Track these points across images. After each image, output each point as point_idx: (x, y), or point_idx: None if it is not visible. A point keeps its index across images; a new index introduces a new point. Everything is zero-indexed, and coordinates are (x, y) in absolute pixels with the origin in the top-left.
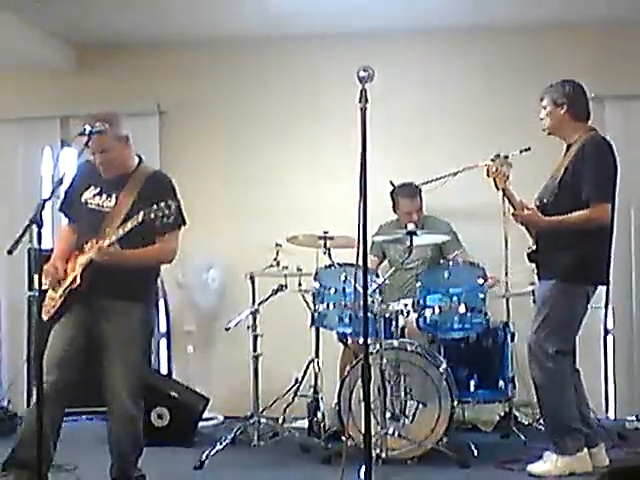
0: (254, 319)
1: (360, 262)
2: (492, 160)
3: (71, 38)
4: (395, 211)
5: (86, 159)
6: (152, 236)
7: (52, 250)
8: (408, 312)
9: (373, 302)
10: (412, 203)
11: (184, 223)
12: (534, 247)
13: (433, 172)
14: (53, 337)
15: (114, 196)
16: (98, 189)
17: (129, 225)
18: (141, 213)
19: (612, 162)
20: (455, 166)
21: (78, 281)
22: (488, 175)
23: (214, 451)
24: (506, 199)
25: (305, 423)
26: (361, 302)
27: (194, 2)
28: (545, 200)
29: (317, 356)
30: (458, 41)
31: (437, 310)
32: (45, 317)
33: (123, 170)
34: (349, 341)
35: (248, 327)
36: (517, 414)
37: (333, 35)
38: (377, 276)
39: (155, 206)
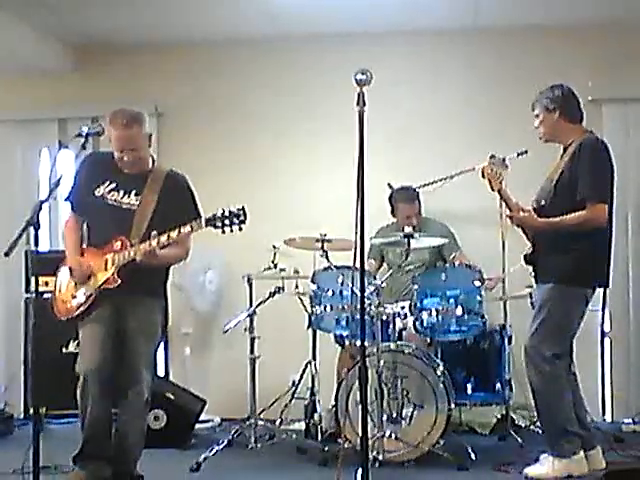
0: (251, 321)
1: (357, 264)
2: (489, 159)
3: (69, 40)
4: (394, 215)
5: (93, 150)
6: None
7: (51, 252)
8: (405, 315)
9: (370, 305)
10: (411, 207)
11: None
12: (531, 249)
13: (431, 175)
14: (85, 341)
15: (134, 193)
16: (114, 184)
17: (174, 235)
18: (188, 226)
19: (608, 163)
20: (453, 169)
21: (118, 281)
22: (483, 176)
23: (211, 453)
24: (502, 201)
25: (302, 425)
26: (358, 304)
27: (192, 3)
28: (542, 202)
29: (314, 358)
30: (456, 43)
31: (434, 313)
32: (65, 316)
33: (143, 167)
34: (346, 343)
35: (245, 329)
36: (514, 416)
37: (331, 36)
38: (374, 279)
39: (197, 219)
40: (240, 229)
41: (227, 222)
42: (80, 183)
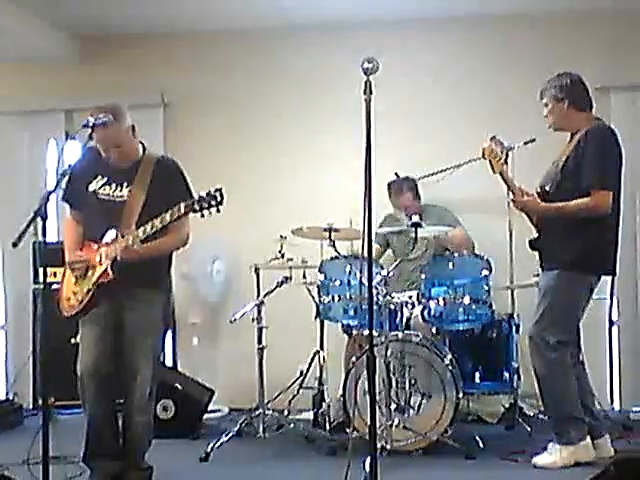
0: (259, 311)
1: (365, 254)
2: (490, 140)
3: (75, 30)
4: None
5: (89, 146)
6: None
7: (59, 242)
8: (413, 304)
9: (378, 294)
10: (401, 198)
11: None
12: (536, 235)
13: (437, 164)
14: (83, 341)
15: (125, 185)
16: (105, 178)
17: (157, 223)
18: (168, 213)
19: (616, 150)
20: (459, 157)
21: (111, 275)
22: (484, 156)
23: (219, 443)
24: (504, 185)
25: (310, 415)
26: (366, 294)
27: None
28: (547, 187)
29: (322, 348)
30: (463, 31)
31: (442, 302)
32: (68, 313)
33: (132, 159)
34: (354, 333)
35: (253, 319)
36: (522, 405)
37: (338, 25)
38: (382, 268)
39: (182, 202)
40: (218, 211)
41: (205, 205)
42: (73, 180)
